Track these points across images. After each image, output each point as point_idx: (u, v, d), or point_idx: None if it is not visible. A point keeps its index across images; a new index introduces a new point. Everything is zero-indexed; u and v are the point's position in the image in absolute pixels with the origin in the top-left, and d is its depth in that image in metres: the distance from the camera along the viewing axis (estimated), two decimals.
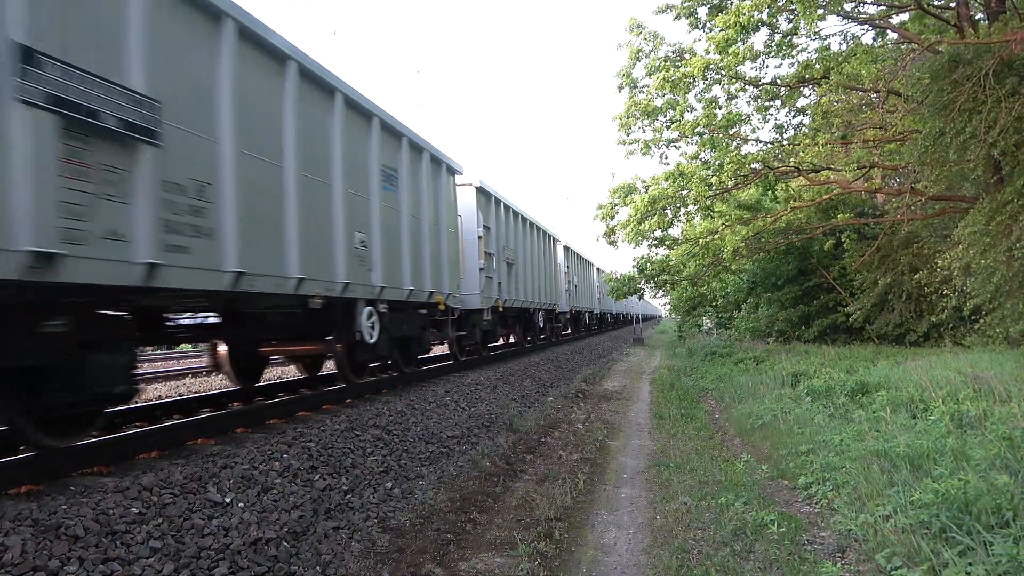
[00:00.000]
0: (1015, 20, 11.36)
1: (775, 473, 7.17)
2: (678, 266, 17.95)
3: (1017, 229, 10.80)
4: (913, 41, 13.45)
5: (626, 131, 16.02)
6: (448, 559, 5.08)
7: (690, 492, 6.56)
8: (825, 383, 10.05)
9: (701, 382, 16.17)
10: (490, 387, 12.11)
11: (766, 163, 15.47)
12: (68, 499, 4.33)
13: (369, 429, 7.57)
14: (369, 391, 9.93)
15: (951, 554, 3.93)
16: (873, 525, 4.81)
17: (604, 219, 17.53)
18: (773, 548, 4.95)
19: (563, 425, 10.60)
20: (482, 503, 6.43)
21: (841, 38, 16.89)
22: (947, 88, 10.95)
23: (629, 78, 15.66)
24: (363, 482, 6.32)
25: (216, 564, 4.20)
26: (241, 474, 5.36)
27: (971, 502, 4.28)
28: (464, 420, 9.48)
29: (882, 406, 7.90)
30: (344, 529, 5.37)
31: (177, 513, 4.49)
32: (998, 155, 11.01)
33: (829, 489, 6.04)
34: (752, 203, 19.48)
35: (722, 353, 20.81)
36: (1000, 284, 11.53)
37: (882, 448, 5.99)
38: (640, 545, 5.36)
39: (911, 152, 12.89)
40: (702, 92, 15.18)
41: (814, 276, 21.43)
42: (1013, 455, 4.96)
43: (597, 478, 7.49)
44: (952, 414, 6.73)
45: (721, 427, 10.38)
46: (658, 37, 14.95)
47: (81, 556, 3.76)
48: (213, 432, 6.75)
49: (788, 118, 17.87)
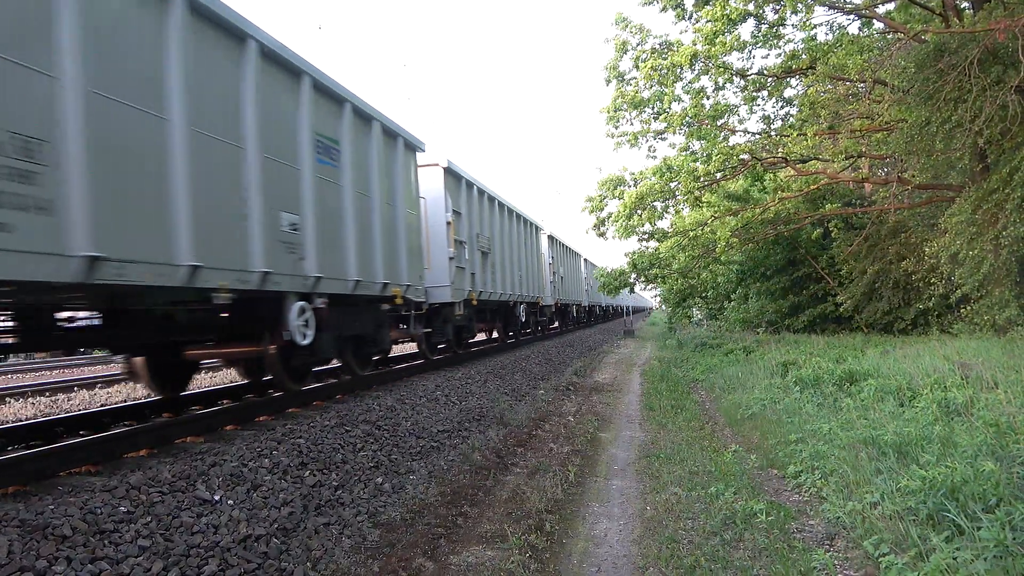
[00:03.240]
0: (999, 9, 11.39)
1: (764, 462, 7.20)
2: (668, 259, 17.99)
3: (1003, 217, 10.87)
4: (899, 30, 13.47)
5: (614, 124, 16.03)
6: (439, 553, 5.08)
7: (680, 483, 6.58)
8: (814, 372, 10.09)
9: (691, 373, 16.22)
10: (481, 382, 12.11)
11: (754, 154, 15.51)
12: (55, 499, 4.31)
13: (359, 425, 7.56)
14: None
15: (938, 539, 3.96)
16: (861, 512, 4.84)
17: (593, 212, 17.58)
18: (762, 537, 4.98)
19: (554, 418, 10.61)
20: (473, 497, 6.44)
21: (827, 28, 16.95)
22: (933, 77, 10.99)
23: (616, 71, 15.66)
24: (353, 478, 6.31)
25: (206, 562, 4.19)
26: (230, 471, 5.34)
27: (958, 488, 4.32)
28: (455, 415, 9.47)
29: (870, 394, 7.96)
30: (334, 525, 5.36)
31: (166, 511, 4.47)
32: (983, 144, 11.06)
33: (818, 477, 6.07)
34: (741, 194, 19.55)
35: (712, 344, 20.89)
36: (987, 272, 11.60)
37: (870, 436, 6.03)
38: (631, 536, 5.38)
39: (898, 141, 12.94)
40: (689, 83, 15.20)
41: (803, 266, 21.53)
42: (999, 442, 5.00)
43: (588, 470, 7.50)
44: (939, 402, 6.77)
45: (711, 417, 10.42)
46: (644, 30, 14.95)
47: (69, 556, 3.74)
48: (202, 430, 6.71)
49: (775, 109, 17.95)
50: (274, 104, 7.02)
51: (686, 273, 18.78)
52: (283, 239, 7.06)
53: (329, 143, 8.21)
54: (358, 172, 8.90)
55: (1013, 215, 10.62)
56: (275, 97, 7.05)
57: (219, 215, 6.05)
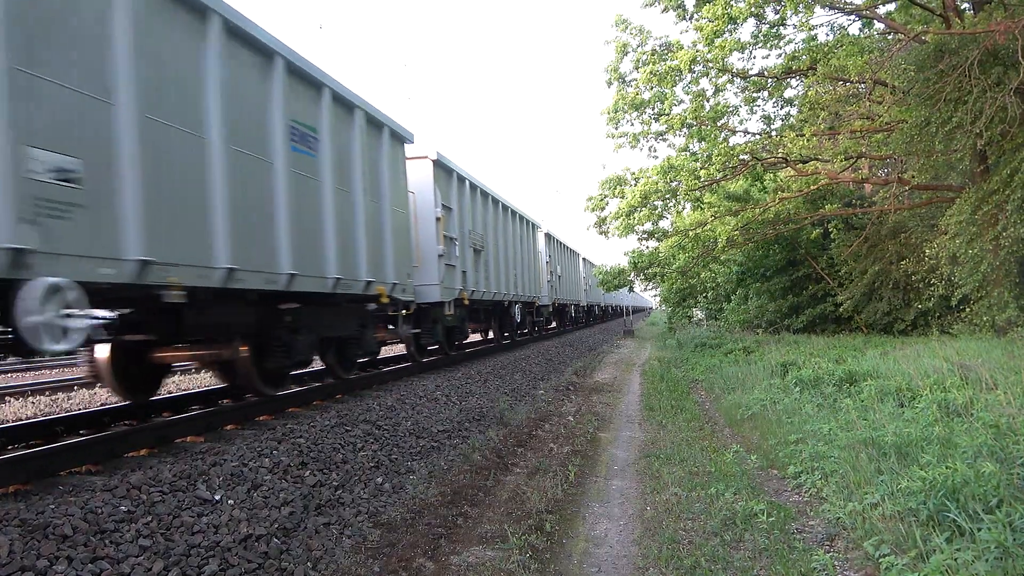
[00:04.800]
0: (1000, 10, 11.40)
1: (764, 463, 7.21)
2: (668, 258, 18.01)
3: (1003, 218, 10.88)
4: (899, 31, 13.48)
5: (614, 125, 16.06)
6: (439, 553, 5.09)
7: (680, 483, 6.58)
8: (814, 373, 10.10)
9: (691, 373, 16.22)
10: (481, 381, 12.10)
11: (754, 154, 15.52)
12: (56, 498, 4.31)
13: (359, 424, 7.56)
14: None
15: (939, 540, 3.96)
16: (861, 513, 4.85)
17: (595, 210, 17.62)
18: (763, 537, 4.98)
19: (553, 418, 10.62)
20: (473, 497, 6.44)
21: (828, 28, 16.97)
22: (933, 78, 10.99)
23: (617, 73, 15.68)
24: (353, 477, 6.32)
25: (206, 561, 4.19)
26: (231, 471, 5.34)
27: (958, 489, 4.32)
28: (455, 414, 9.47)
29: (870, 395, 7.95)
30: (335, 525, 5.36)
31: (166, 511, 4.47)
32: (983, 145, 11.06)
33: (818, 478, 6.08)
34: (741, 194, 19.57)
35: (712, 344, 20.89)
36: (986, 273, 11.62)
37: (870, 437, 6.03)
38: (631, 536, 5.38)
39: (898, 142, 12.95)
40: (689, 85, 15.22)
41: (803, 266, 21.54)
42: (999, 442, 5.00)
43: (588, 470, 7.51)
44: (939, 402, 6.77)
45: (711, 418, 10.43)
46: (644, 31, 14.96)
47: (70, 555, 3.74)
48: (202, 429, 6.70)
49: (775, 109, 17.96)
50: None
51: (686, 272, 18.80)
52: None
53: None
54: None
55: (1013, 216, 10.63)
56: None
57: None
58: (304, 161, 7.64)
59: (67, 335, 4.43)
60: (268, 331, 7.58)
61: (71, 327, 4.44)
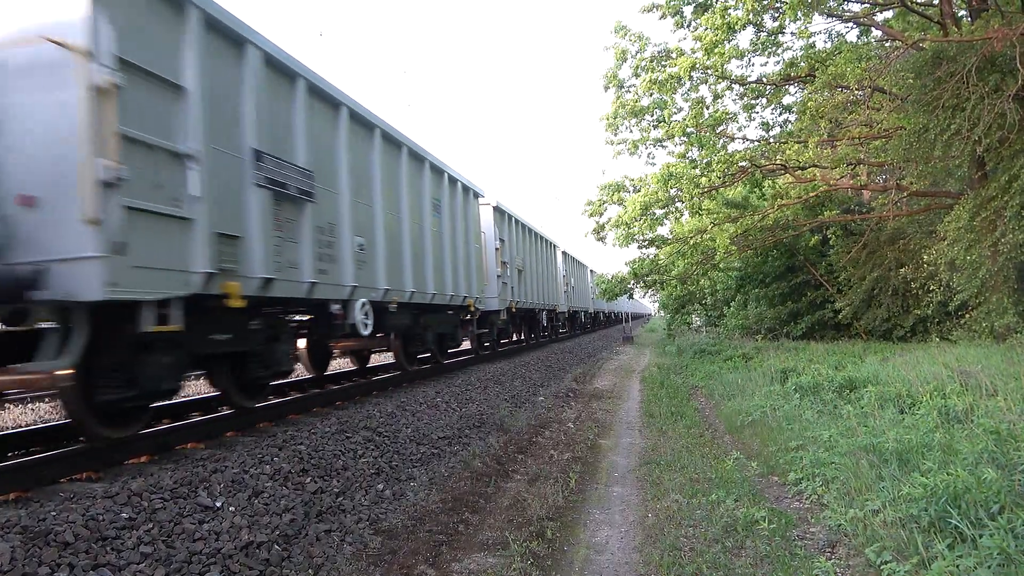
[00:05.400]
0: (997, 17, 11.46)
1: (765, 469, 7.21)
2: (667, 265, 18.03)
3: (1001, 224, 10.91)
4: (897, 38, 13.56)
5: (613, 131, 16.11)
6: (440, 560, 5.08)
7: (681, 490, 6.58)
8: (813, 379, 10.09)
9: (691, 380, 16.21)
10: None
11: (753, 161, 15.56)
12: (57, 505, 4.30)
13: (360, 431, 7.55)
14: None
15: (941, 547, 3.96)
16: (862, 520, 4.84)
17: (593, 215, 17.63)
18: (764, 544, 4.98)
19: (554, 424, 10.61)
20: (474, 504, 6.43)
21: (826, 36, 17.03)
22: (931, 85, 11.05)
23: (615, 79, 15.74)
24: (354, 484, 6.31)
25: (207, 568, 4.19)
26: (232, 478, 5.34)
27: (960, 496, 4.32)
28: (455, 421, 9.47)
29: (870, 401, 7.95)
30: (336, 532, 5.35)
31: (167, 518, 4.47)
32: (982, 151, 11.10)
33: (819, 485, 6.07)
34: (740, 200, 19.60)
35: (711, 351, 20.89)
36: (985, 279, 11.65)
37: (870, 443, 6.03)
38: (632, 543, 5.37)
39: (896, 149, 12.99)
40: (688, 92, 15.27)
41: (802, 273, 21.54)
42: (1000, 449, 5.00)
43: (588, 477, 7.50)
44: (939, 409, 6.77)
45: (711, 424, 10.42)
46: (643, 38, 15.03)
47: (71, 562, 3.74)
48: (202, 436, 6.71)
49: (774, 115, 18.02)
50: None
51: (685, 279, 18.82)
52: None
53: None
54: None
55: (1011, 222, 10.67)
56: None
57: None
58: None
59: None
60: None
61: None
